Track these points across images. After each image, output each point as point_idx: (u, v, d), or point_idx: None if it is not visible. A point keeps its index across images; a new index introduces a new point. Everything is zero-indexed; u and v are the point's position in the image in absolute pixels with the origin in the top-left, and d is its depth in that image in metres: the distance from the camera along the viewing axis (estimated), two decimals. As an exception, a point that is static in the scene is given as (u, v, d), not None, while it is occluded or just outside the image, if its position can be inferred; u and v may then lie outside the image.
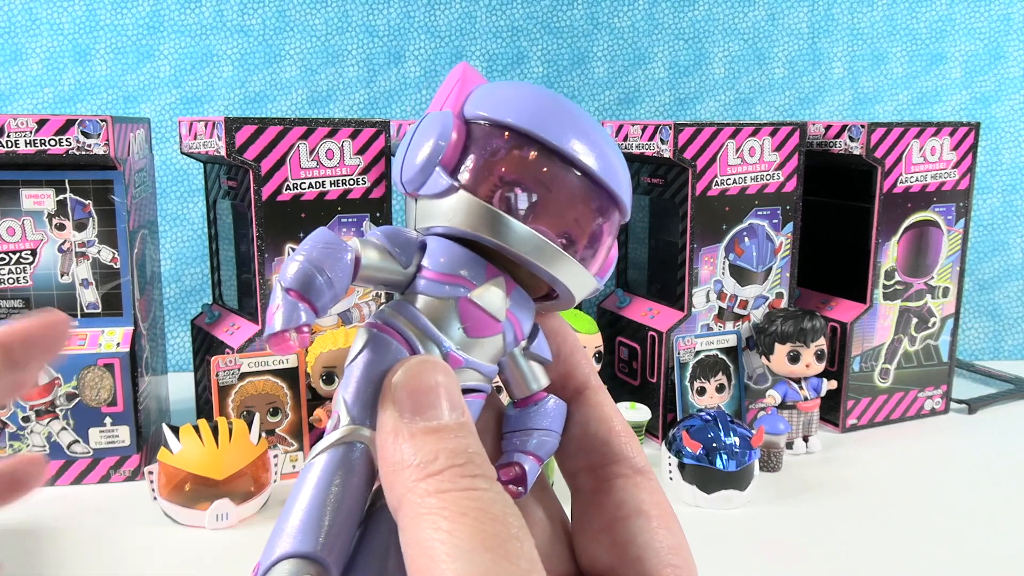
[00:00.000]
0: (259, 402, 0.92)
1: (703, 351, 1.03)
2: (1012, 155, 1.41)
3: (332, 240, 0.22)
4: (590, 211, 0.23)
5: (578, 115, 0.23)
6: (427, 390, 0.20)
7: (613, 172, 0.23)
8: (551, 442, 0.24)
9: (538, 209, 0.22)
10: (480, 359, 0.23)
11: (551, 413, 0.25)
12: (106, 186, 0.91)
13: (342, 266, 0.21)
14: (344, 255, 0.21)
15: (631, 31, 1.33)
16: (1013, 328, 1.45)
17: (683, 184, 1.03)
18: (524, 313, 0.23)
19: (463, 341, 0.22)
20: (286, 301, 0.21)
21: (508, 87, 0.24)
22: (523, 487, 0.24)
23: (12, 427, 0.90)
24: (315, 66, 1.28)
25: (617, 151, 0.24)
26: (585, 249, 0.23)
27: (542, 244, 0.22)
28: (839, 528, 0.84)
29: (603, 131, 0.24)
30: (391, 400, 0.20)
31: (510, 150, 0.22)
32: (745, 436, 0.87)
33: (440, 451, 0.19)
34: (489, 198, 0.22)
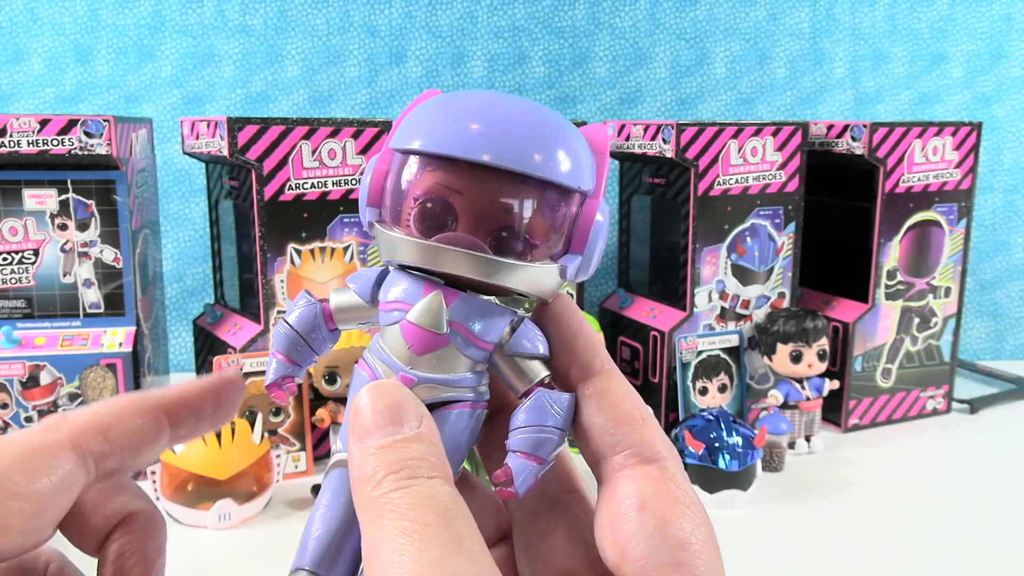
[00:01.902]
0: (261, 402, 0.92)
1: (705, 351, 1.03)
2: (1014, 155, 1.41)
3: (306, 303, 0.25)
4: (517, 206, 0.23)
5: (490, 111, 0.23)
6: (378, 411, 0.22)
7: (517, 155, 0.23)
8: (540, 437, 0.24)
9: (456, 221, 0.23)
10: (437, 373, 0.24)
11: (540, 408, 0.24)
12: (108, 186, 0.91)
13: (314, 323, 0.25)
14: (314, 313, 0.25)
15: (633, 31, 1.33)
16: (1015, 328, 1.45)
17: (685, 184, 1.03)
18: (480, 318, 0.24)
19: (412, 360, 0.24)
20: (276, 362, 0.25)
21: (425, 107, 0.24)
22: (513, 486, 0.23)
23: (15, 427, 0.91)
24: (316, 66, 1.28)
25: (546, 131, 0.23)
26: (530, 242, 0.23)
27: (457, 255, 0.23)
28: (841, 528, 0.84)
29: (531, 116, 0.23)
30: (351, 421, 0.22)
31: (405, 172, 0.24)
32: (747, 436, 0.87)
33: (379, 464, 0.21)
34: (406, 223, 0.24)
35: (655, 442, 0.23)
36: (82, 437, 0.22)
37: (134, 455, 0.23)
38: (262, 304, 0.94)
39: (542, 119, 0.24)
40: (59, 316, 0.93)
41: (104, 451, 0.23)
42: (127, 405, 0.24)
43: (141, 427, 0.23)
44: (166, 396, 0.24)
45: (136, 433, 0.23)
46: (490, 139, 0.23)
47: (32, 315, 0.93)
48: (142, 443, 0.23)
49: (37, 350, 0.91)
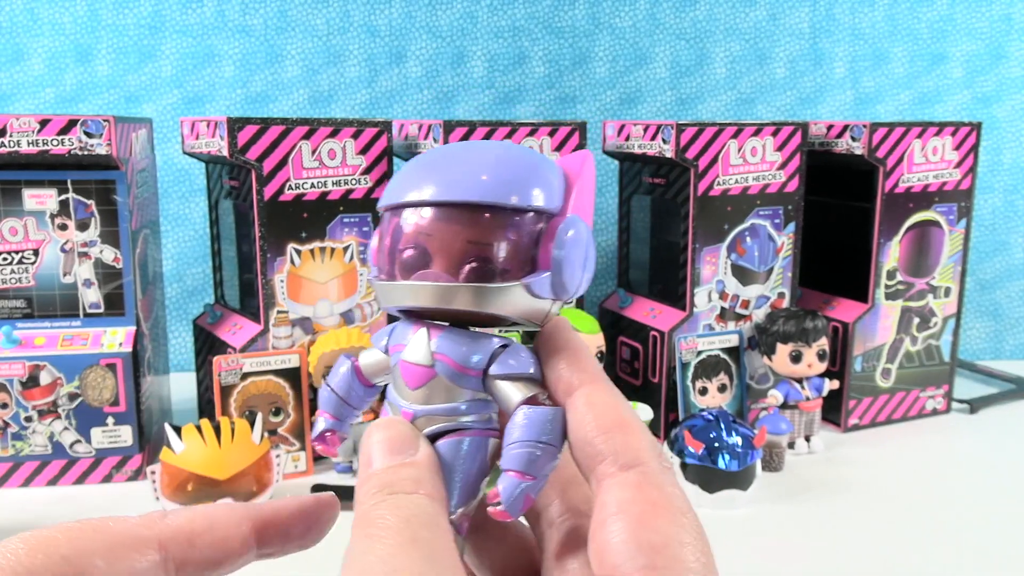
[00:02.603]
0: (261, 402, 0.92)
1: (705, 351, 1.03)
2: (1013, 155, 1.41)
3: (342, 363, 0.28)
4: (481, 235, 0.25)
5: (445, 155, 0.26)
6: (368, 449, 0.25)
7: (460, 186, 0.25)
8: (524, 452, 0.24)
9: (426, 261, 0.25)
10: (432, 404, 0.25)
11: (523, 424, 0.24)
12: (108, 186, 0.92)
13: (347, 382, 0.28)
14: (348, 373, 0.28)
15: (632, 31, 1.33)
16: (1014, 328, 1.45)
17: (685, 184, 1.03)
18: (462, 347, 0.25)
19: (410, 395, 0.26)
20: (323, 420, 0.28)
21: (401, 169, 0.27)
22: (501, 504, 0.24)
23: (15, 427, 0.91)
24: (316, 66, 1.28)
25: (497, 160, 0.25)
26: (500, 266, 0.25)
27: (428, 288, 0.25)
28: (841, 528, 0.84)
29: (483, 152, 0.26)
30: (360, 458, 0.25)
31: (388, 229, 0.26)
32: (747, 436, 0.87)
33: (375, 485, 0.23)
34: (393, 273, 0.26)
35: (637, 447, 0.23)
36: (171, 540, 0.24)
37: (215, 566, 0.24)
38: (262, 304, 0.94)
39: (498, 152, 0.26)
40: (59, 316, 0.93)
41: (187, 557, 0.24)
42: (222, 515, 0.25)
43: (228, 541, 0.25)
44: (259, 512, 0.26)
45: (222, 545, 0.24)
46: (439, 180, 0.25)
47: (32, 315, 0.93)
48: (225, 557, 0.25)
49: (37, 350, 0.91)
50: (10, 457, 0.91)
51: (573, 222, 0.25)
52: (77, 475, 0.92)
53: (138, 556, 0.23)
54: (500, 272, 0.24)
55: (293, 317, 0.96)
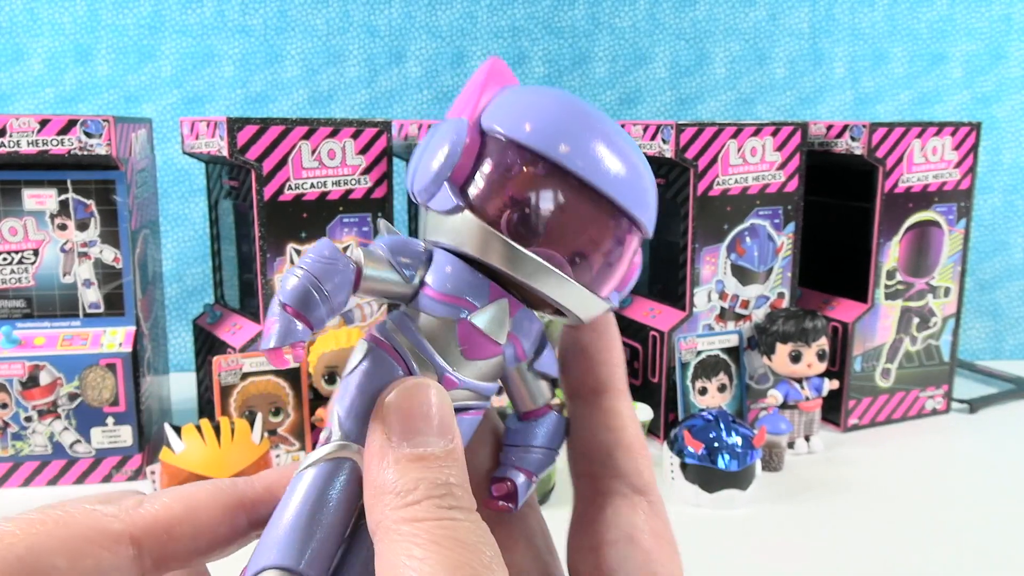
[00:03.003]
0: (261, 402, 0.92)
1: (705, 351, 1.03)
2: (1013, 155, 1.41)
3: (333, 253, 0.21)
4: (604, 234, 0.23)
5: (600, 131, 0.22)
6: (418, 416, 0.20)
7: (633, 194, 0.22)
8: (547, 460, 0.24)
9: (547, 232, 0.22)
10: (477, 379, 0.22)
11: (552, 430, 0.24)
12: (108, 186, 0.92)
13: (342, 280, 0.21)
14: (345, 269, 0.21)
15: (632, 31, 1.33)
16: (1014, 328, 1.45)
17: (685, 184, 1.03)
18: (528, 332, 0.23)
19: (460, 362, 0.22)
20: (282, 317, 0.21)
21: (530, 97, 0.23)
22: (513, 504, 0.23)
23: (15, 427, 0.91)
24: (316, 66, 1.28)
25: (640, 168, 0.23)
26: (598, 271, 0.23)
27: (546, 270, 0.22)
28: (840, 528, 0.84)
29: (627, 146, 0.23)
30: (381, 421, 0.20)
31: (521, 170, 0.22)
32: (747, 436, 0.87)
33: (421, 480, 0.19)
34: (496, 220, 0.22)
35: (648, 474, 0.24)
36: (145, 532, 0.21)
37: (201, 554, 0.22)
38: (262, 304, 0.94)
39: (646, 164, 0.23)
40: (59, 316, 0.93)
41: (166, 550, 0.21)
42: (205, 498, 0.22)
43: (213, 527, 0.22)
44: (249, 490, 0.22)
45: (206, 533, 0.21)
46: (616, 173, 0.22)
47: (32, 315, 0.93)
48: (211, 544, 0.22)
49: (37, 350, 0.91)
50: (10, 457, 0.91)
51: None
52: (77, 475, 0.92)
53: (106, 553, 0.20)
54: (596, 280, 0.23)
55: (293, 317, 0.96)
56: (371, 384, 0.21)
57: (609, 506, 0.23)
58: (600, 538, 0.23)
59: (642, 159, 0.23)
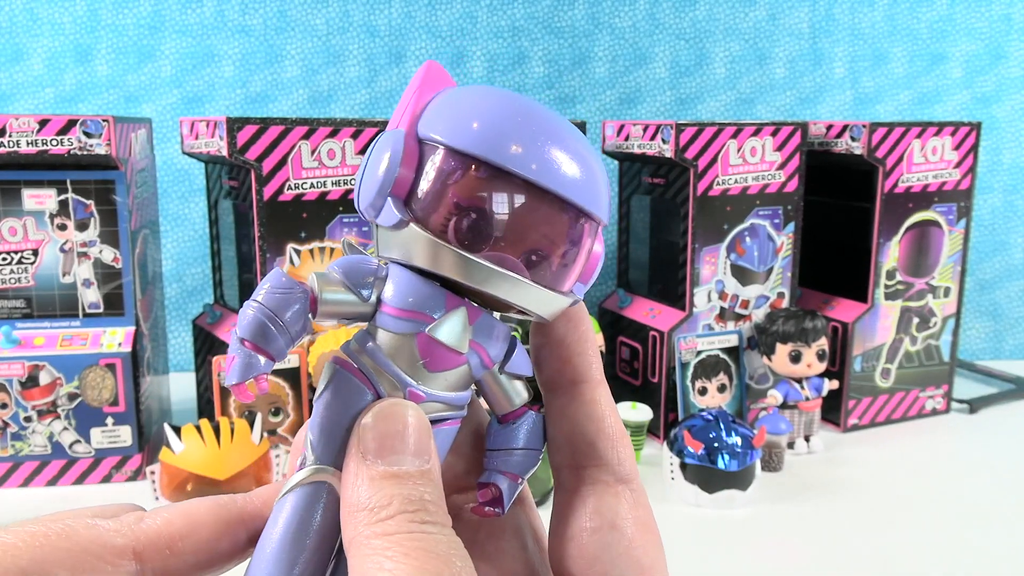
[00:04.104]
0: (261, 402, 0.92)
1: (704, 351, 1.03)
2: (1013, 155, 1.41)
3: (286, 283, 0.21)
4: (555, 230, 0.22)
5: (535, 124, 0.22)
6: (393, 436, 0.20)
7: (578, 184, 0.22)
8: (530, 461, 0.24)
9: (496, 236, 0.21)
10: (444, 391, 0.22)
11: (532, 430, 0.24)
12: (108, 186, 0.92)
13: (299, 309, 0.21)
14: (300, 296, 0.21)
15: (632, 31, 1.33)
16: (1014, 328, 1.45)
17: (684, 184, 1.03)
18: (492, 337, 0.23)
19: (424, 376, 0.22)
20: (241, 352, 0.21)
21: (461, 99, 0.22)
22: (500, 508, 0.23)
23: (14, 427, 0.91)
24: (316, 66, 1.28)
25: (582, 155, 0.22)
26: (556, 268, 0.22)
27: (499, 274, 0.21)
28: (840, 528, 0.84)
29: (566, 135, 0.22)
30: (358, 442, 0.20)
31: (460, 176, 0.21)
32: (747, 436, 0.87)
33: (394, 496, 0.19)
34: (443, 229, 0.21)
35: (631, 463, 0.24)
36: (147, 547, 0.21)
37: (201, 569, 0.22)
38: (261, 304, 0.94)
39: (587, 146, 0.23)
40: (58, 316, 0.93)
41: (167, 564, 0.21)
42: (206, 514, 0.22)
43: (213, 540, 0.22)
44: (250, 506, 0.23)
45: (207, 548, 0.22)
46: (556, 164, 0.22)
47: (31, 315, 0.93)
48: (212, 559, 0.22)
49: (36, 350, 0.91)
50: (9, 457, 0.91)
51: None
52: (76, 475, 0.92)
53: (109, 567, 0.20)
54: (554, 276, 0.22)
55: (292, 317, 0.96)
56: (337, 406, 0.21)
57: (591, 495, 0.23)
58: (581, 526, 0.23)
59: (584, 145, 0.22)
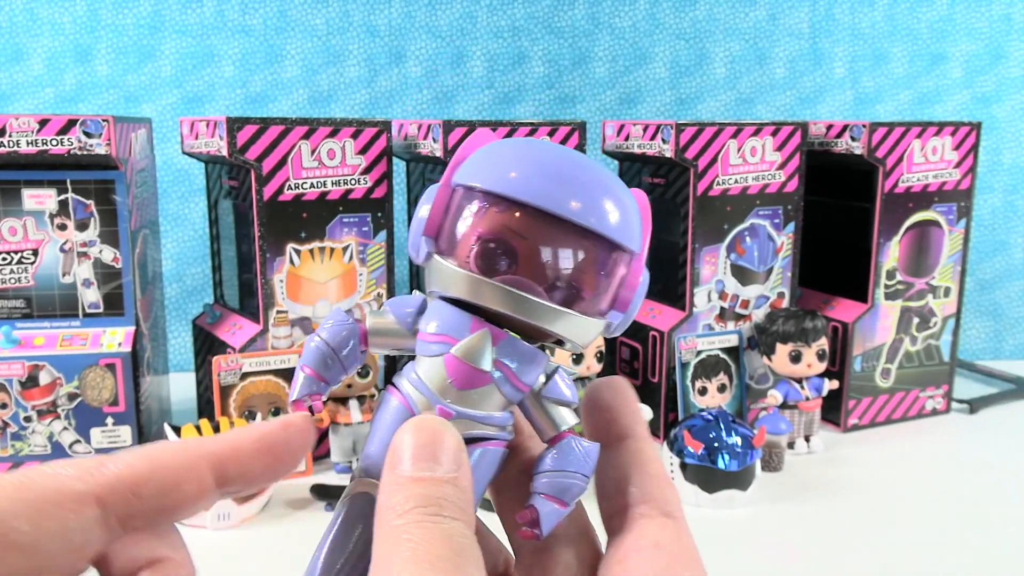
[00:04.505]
0: (261, 402, 0.92)
1: (704, 351, 1.03)
2: (1013, 155, 1.41)
3: (343, 319, 0.25)
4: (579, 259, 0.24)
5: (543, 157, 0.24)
6: (419, 445, 0.22)
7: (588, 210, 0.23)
8: (568, 482, 0.24)
9: (516, 264, 0.24)
10: (475, 409, 0.24)
11: (570, 454, 0.25)
12: (108, 186, 0.92)
13: (352, 345, 0.25)
14: (353, 330, 0.25)
15: (632, 31, 1.33)
16: (1014, 328, 1.45)
17: (684, 184, 1.03)
18: (522, 360, 0.24)
19: (453, 394, 0.24)
20: (304, 377, 0.25)
21: (491, 149, 0.25)
22: (538, 530, 0.24)
23: (14, 427, 0.91)
24: (316, 66, 1.28)
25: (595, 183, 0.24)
26: (581, 292, 0.24)
27: (518, 298, 0.23)
28: (841, 528, 0.84)
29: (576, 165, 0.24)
30: (391, 455, 0.22)
31: (476, 209, 0.24)
32: (747, 436, 0.87)
33: (413, 496, 0.21)
34: (465, 260, 0.24)
35: (676, 504, 0.25)
36: (110, 492, 0.21)
37: (167, 513, 0.22)
38: (261, 304, 0.94)
39: (611, 180, 0.25)
40: (58, 316, 0.93)
41: (131, 509, 0.21)
42: (169, 457, 0.22)
43: (179, 486, 0.22)
44: (215, 447, 0.23)
45: (173, 492, 0.22)
46: (564, 192, 0.23)
47: (31, 315, 0.93)
48: (178, 503, 0.22)
49: (36, 350, 0.91)
50: (9, 457, 0.91)
51: (644, 267, 0.25)
52: (76, 475, 0.92)
53: (71, 514, 0.20)
54: (578, 298, 0.24)
55: (292, 317, 0.96)
56: (381, 425, 0.24)
57: (638, 526, 0.24)
58: (626, 549, 0.23)
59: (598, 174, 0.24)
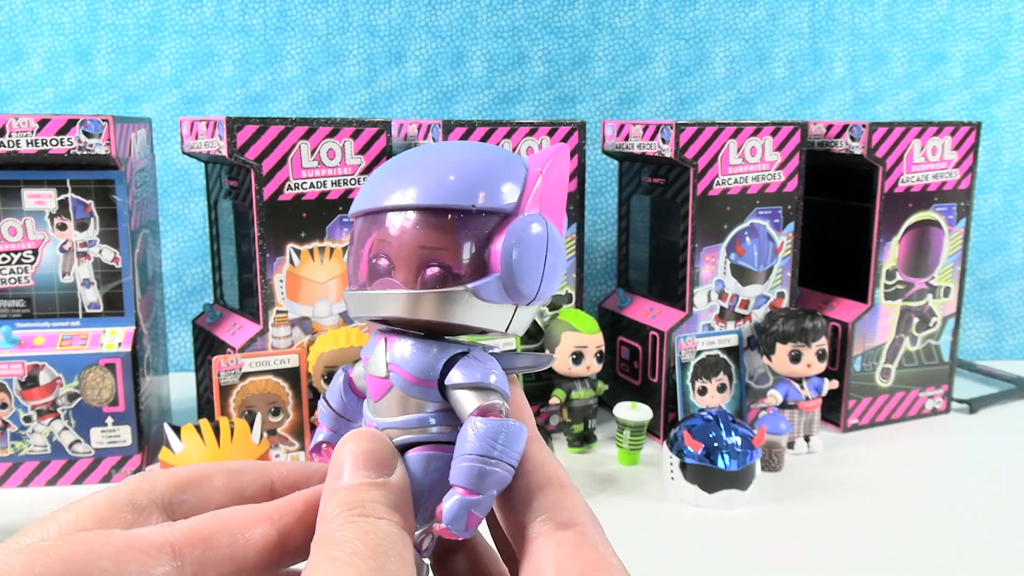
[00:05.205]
0: (261, 402, 0.92)
1: (704, 351, 1.03)
2: (1013, 155, 1.41)
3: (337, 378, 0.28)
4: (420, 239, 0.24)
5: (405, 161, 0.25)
6: (345, 459, 0.23)
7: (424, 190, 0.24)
8: (465, 466, 0.23)
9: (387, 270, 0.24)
10: (392, 416, 0.25)
11: (467, 437, 0.23)
12: (107, 186, 0.91)
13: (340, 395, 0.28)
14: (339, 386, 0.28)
15: (632, 31, 1.33)
16: (1014, 328, 1.45)
17: (684, 184, 1.03)
18: (412, 356, 0.25)
19: (374, 407, 0.25)
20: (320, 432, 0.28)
21: None
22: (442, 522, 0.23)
23: (14, 427, 0.91)
24: (316, 66, 1.28)
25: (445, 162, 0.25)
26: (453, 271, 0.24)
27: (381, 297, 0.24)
28: (840, 528, 0.84)
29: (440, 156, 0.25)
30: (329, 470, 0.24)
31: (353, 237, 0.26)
32: (747, 436, 0.87)
33: (342, 502, 0.22)
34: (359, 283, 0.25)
35: (572, 506, 0.23)
36: (184, 543, 0.22)
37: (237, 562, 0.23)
38: (261, 304, 0.94)
39: (455, 155, 0.25)
40: (58, 316, 0.93)
41: (206, 560, 0.22)
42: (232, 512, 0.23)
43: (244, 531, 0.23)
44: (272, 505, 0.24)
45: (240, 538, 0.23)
46: (394, 184, 0.24)
47: (31, 315, 0.93)
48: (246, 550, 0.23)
49: (36, 350, 0.91)
50: (9, 457, 0.91)
51: (527, 220, 0.24)
52: (76, 475, 0.92)
53: (151, 559, 0.21)
54: (454, 277, 0.24)
55: (292, 317, 0.96)
56: None
57: (536, 549, 0.22)
58: None
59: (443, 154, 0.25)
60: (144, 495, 0.24)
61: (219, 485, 0.25)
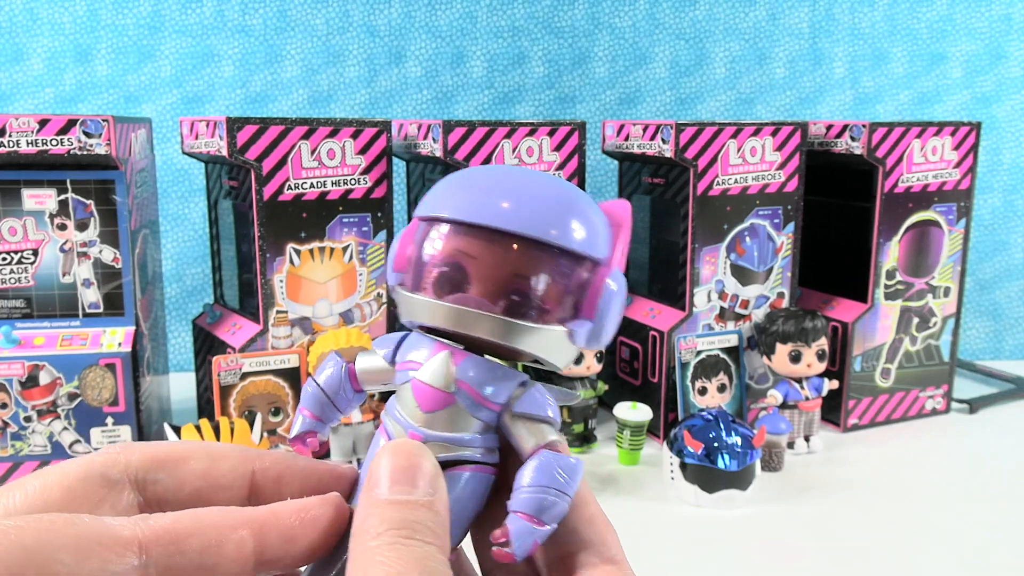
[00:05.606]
0: (261, 402, 0.92)
1: (704, 351, 1.03)
2: (1013, 155, 1.41)
3: (334, 364, 0.27)
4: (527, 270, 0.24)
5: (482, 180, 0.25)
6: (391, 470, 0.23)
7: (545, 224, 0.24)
8: (540, 497, 0.23)
9: (469, 284, 0.24)
10: (445, 431, 0.24)
11: (544, 469, 0.24)
12: (108, 186, 0.91)
13: (340, 384, 0.26)
14: (343, 376, 0.26)
15: (632, 31, 1.33)
16: (1014, 328, 1.45)
17: (684, 184, 1.03)
18: (485, 377, 0.24)
19: (421, 418, 0.24)
20: (302, 418, 0.27)
21: (446, 180, 0.26)
22: (510, 548, 0.23)
23: (14, 427, 0.91)
24: (316, 66, 1.28)
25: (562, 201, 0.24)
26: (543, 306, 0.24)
27: (464, 314, 0.24)
28: (840, 528, 0.84)
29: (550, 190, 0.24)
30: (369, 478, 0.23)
31: (427, 239, 0.25)
32: (747, 436, 0.87)
33: (388, 519, 0.21)
34: (421, 287, 0.25)
35: (614, 544, 0.24)
36: (153, 542, 0.21)
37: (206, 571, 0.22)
38: (261, 304, 0.94)
39: (559, 190, 0.25)
40: (58, 316, 0.93)
41: (172, 563, 0.21)
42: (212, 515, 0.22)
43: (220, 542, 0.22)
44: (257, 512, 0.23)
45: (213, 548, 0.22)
46: (495, 203, 0.24)
47: (31, 315, 0.93)
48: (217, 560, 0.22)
49: (36, 350, 0.91)
50: (9, 457, 0.91)
51: (619, 276, 0.25)
52: (76, 475, 0.92)
53: (113, 556, 0.20)
54: (539, 311, 0.24)
55: (292, 317, 0.96)
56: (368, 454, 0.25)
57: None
58: None
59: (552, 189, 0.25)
60: (119, 469, 0.23)
61: (196, 468, 0.24)
